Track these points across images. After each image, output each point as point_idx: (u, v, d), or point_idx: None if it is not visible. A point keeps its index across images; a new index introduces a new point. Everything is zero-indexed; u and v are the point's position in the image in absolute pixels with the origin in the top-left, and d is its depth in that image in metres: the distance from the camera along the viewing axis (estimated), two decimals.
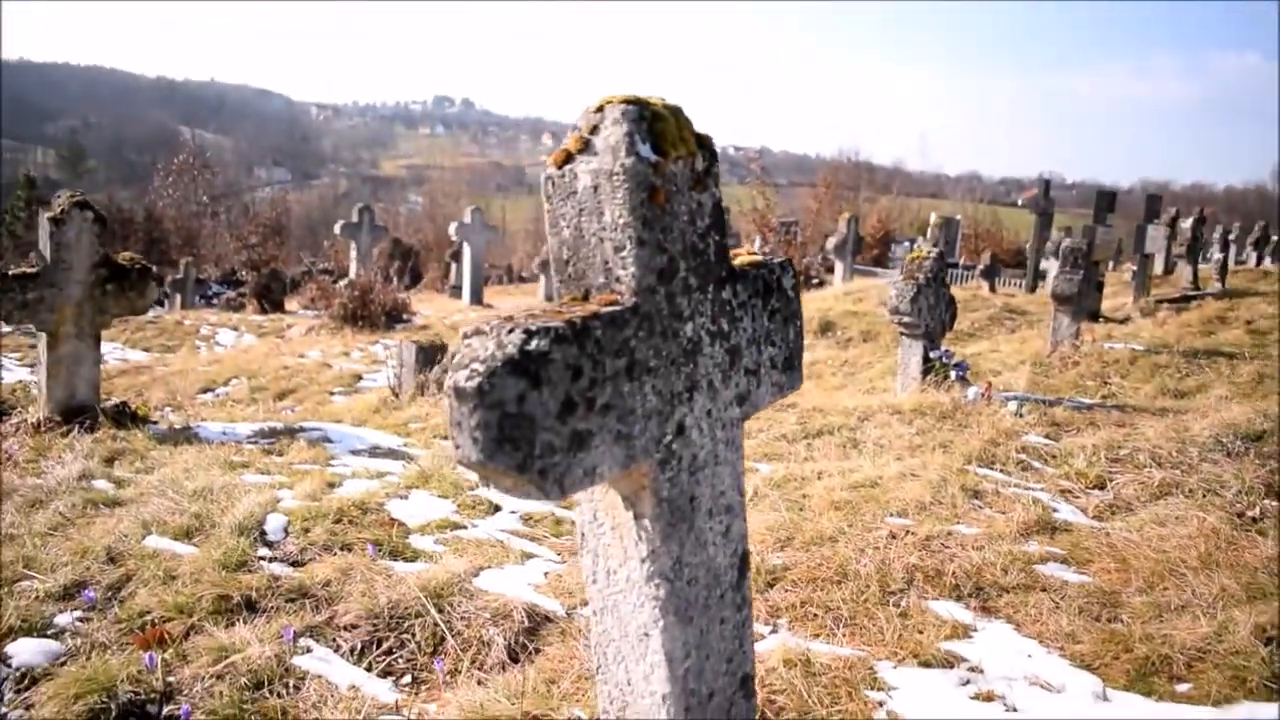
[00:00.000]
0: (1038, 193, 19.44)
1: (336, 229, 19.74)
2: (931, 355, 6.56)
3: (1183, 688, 2.57)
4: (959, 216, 27.29)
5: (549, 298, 22.15)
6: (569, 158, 1.56)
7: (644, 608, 1.66)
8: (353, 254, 19.49)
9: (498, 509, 4.27)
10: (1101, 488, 4.69)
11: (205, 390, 9.94)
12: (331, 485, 4.35)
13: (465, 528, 3.94)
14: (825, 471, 4.74)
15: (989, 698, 2.45)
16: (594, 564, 1.71)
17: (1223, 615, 2.88)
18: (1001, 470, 4.88)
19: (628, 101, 1.54)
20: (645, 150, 1.51)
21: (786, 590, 3.25)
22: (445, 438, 6.34)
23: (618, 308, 1.49)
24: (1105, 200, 12.32)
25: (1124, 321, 10.74)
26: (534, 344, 1.36)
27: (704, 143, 1.65)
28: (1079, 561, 3.59)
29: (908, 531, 3.81)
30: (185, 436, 5.66)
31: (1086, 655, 2.78)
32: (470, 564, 3.33)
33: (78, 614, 3.04)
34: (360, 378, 10.09)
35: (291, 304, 20.42)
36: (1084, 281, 8.46)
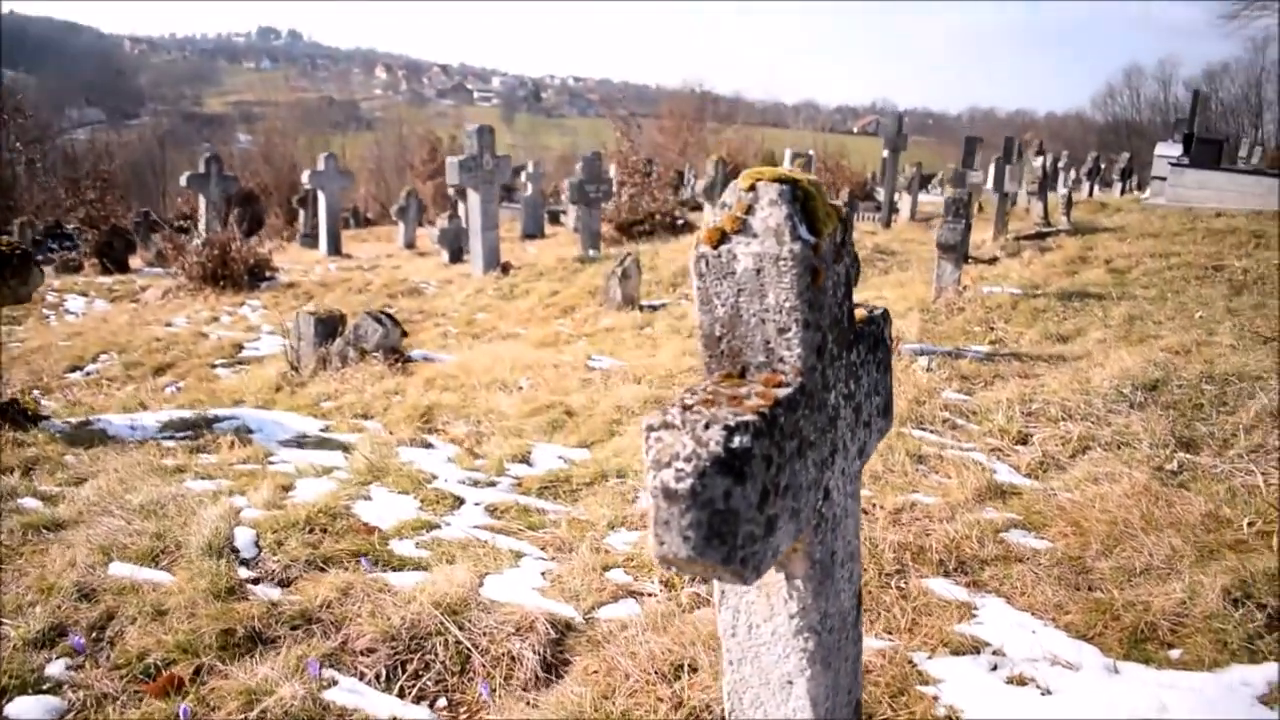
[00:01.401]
0: (889, 127, 20.01)
1: (183, 180, 18.69)
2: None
3: (1174, 654, 2.81)
4: (812, 152, 27.88)
5: (408, 244, 21.64)
6: (724, 237, 1.56)
7: (789, 659, 1.72)
8: (201, 207, 18.48)
9: (460, 501, 4.24)
10: (1024, 443, 5.00)
11: (73, 369, 9.33)
12: (285, 489, 4.21)
13: (439, 526, 3.89)
14: None
15: (1021, 681, 2.62)
16: (734, 619, 1.75)
17: (1190, 578, 3.15)
18: (933, 431, 5.12)
19: (779, 180, 1.55)
20: (804, 232, 1.53)
21: None
22: (364, 416, 6.20)
23: (787, 390, 1.51)
24: (972, 144, 12.83)
25: (991, 262, 11.28)
26: (737, 441, 1.37)
27: (840, 213, 1.67)
28: (1036, 526, 3.83)
29: (875, 504, 3.98)
30: (92, 435, 5.35)
31: (1079, 625, 3.00)
32: (471, 572, 3.30)
33: (67, 662, 2.87)
34: (241, 347, 9.68)
35: (134, 261, 19.29)
36: (965, 230, 8.85)
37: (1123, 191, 24.41)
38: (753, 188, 1.56)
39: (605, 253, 14.43)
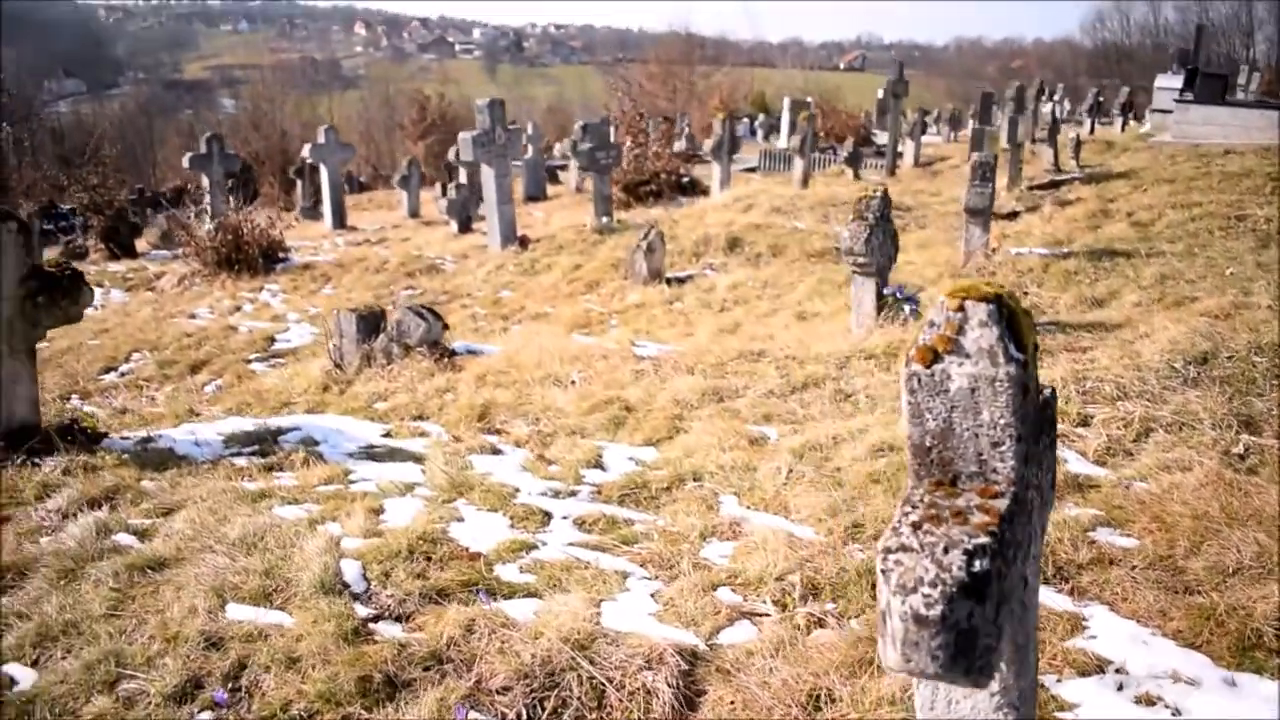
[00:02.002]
0: (891, 74, 19.88)
1: (185, 162, 18.56)
2: (885, 293, 6.82)
3: None
4: (810, 99, 27.68)
5: (412, 213, 21.55)
6: (936, 356, 1.62)
7: None
8: (206, 187, 18.37)
9: (548, 516, 4.32)
10: (1085, 425, 5.08)
11: (107, 370, 9.36)
12: (376, 512, 4.28)
13: (535, 546, 3.97)
14: (838, 436, 4.96)
15: (1149, 701, 2.73)
16: (933, 694, 1.83)
17: None
18: None
19: (985, 300, 1.60)
20: (1014, 351, 1.59)
21: None
22: (419, 417, 6.26)
23: (1004, 501, 1.58)
24: (988, 100, 12.76)
25: (1012, 217, 11.30)
26: (978, 565, 1.45)
27: (1033, 324, 1.73)
28: (1120, 523, 3.93)
29: None
30: (161, 456, 5.40)
31: (1186, 633, 3.10)
32: (585, 600, 3.39)
33: (209, 716, 2.97)
34: (273, 340, 9.71)
35: (140, 244, 19.19)
36: (992, 194, 8.87)
37: (1123, 126, 24.28)
38: (961, 308, 1.62)
39: (619, 219, 14.40)
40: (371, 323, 7.54)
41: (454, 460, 5.02)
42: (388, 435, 5.87)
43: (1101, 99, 26.40)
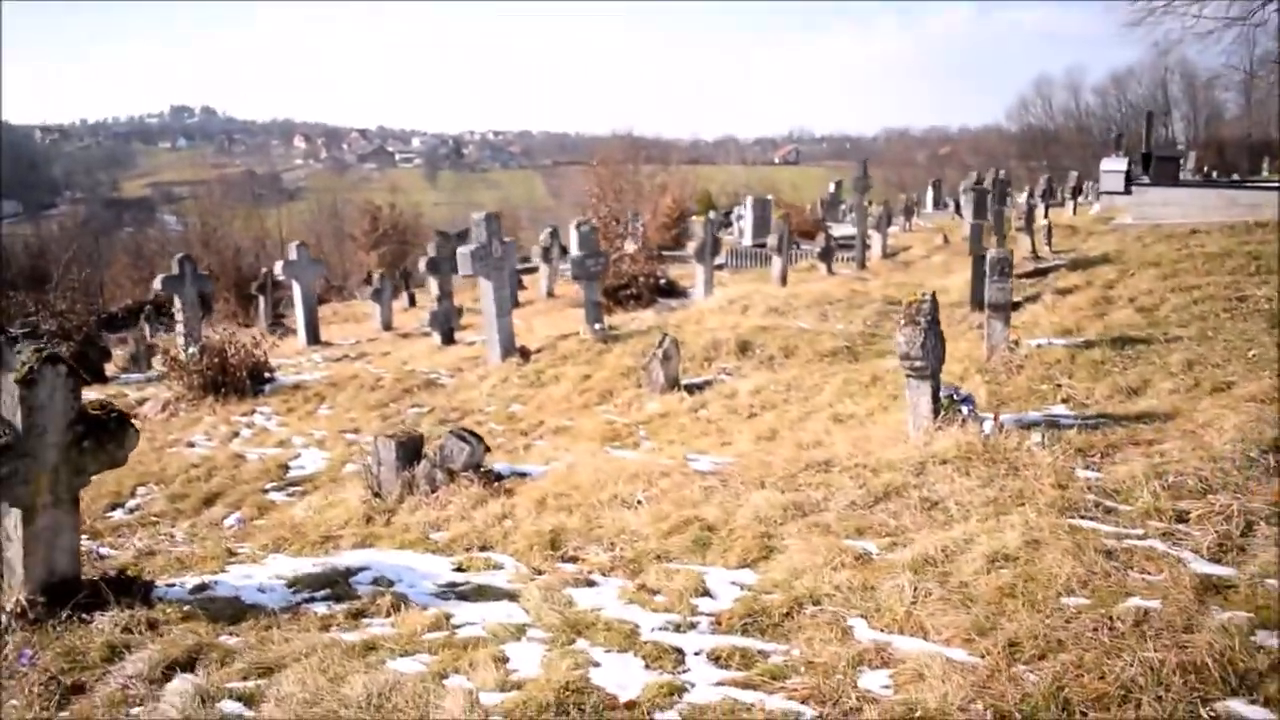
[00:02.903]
0: (857, 174, 20.40)
1: (156, 284, 18.24)
2: (942, 395, 6.81)
3: None
4: (770, 196, 28.23)
5: (386, 326, 21.35)
6: None
7: None
8: (178, 308, 18.07)
9: (680, 653, 4.13)
10: (1184, 521, 5.05)
11: (113, 506, 8.97)
12: (500, 660, 4.06)
13: (684, 689, 3.77)
14: (946, 548, 4.86)
15: None
16: None
17: None
18: (1089, 518, 5.15)
19: None
20: None
21: None
22: (483, 548, 6.04)
23: None
24: (983, 198, 13.11)
25: (1015, 308, 11.46)
26: None
27: None
28: (1274, 624, 3.86)
29: (1109, 616, 3.97)
30: (227, 606, 5.12)
31: None
32: None
33: None
34: (286, 468, 9.41)
35: (109, 367, 18.72)
36: (1011, 289, 9.00)
37: (1074, 210, 25.12)
38: None
39: (610, 325, 14.38)
40: (411, 449, 7.34)
41: (551, 595, 4.82)
42: (460, 569, 5.65)
43: (1055, 184, 27.27)
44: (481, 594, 5.04)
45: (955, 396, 6.77)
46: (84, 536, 8.31)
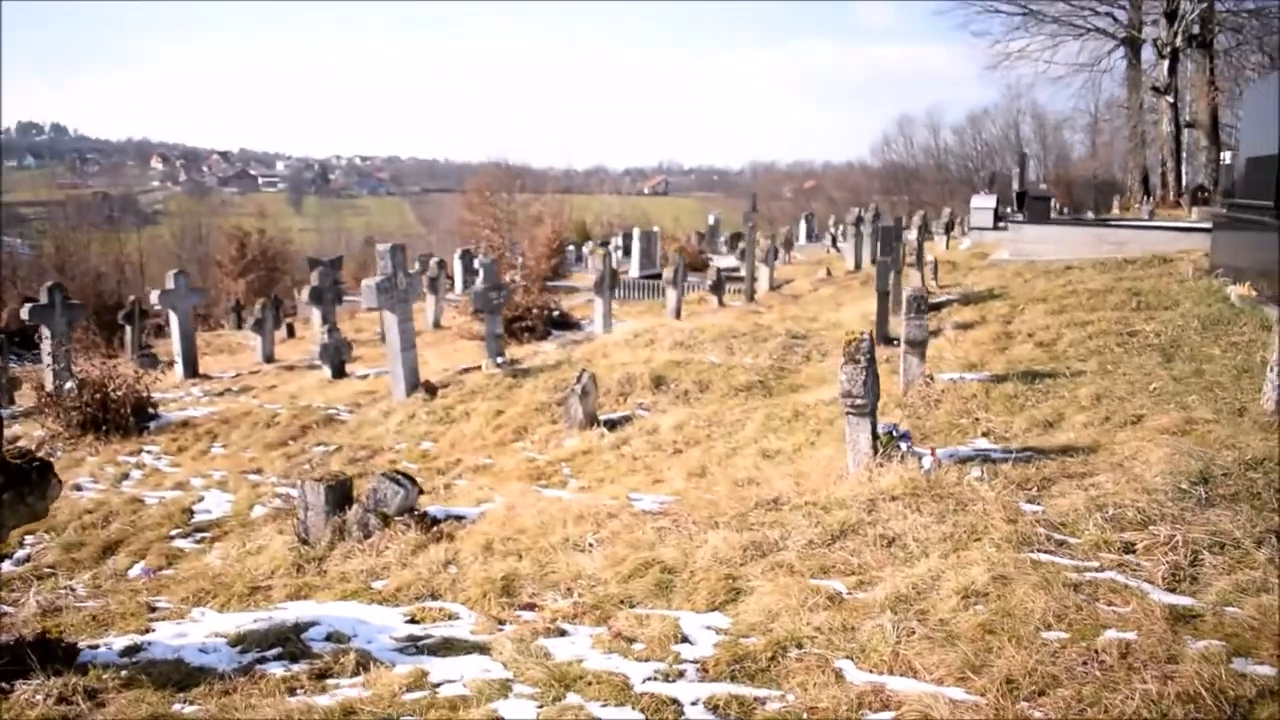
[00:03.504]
0: (746, 208, 20.72)
1: (24, 314, 17.15)
2: (880, 431, 6.93)
3: None
4: (656, 228, 28.43)
5: (268, 358, 20.57)
6: None
7: None
8: (45, 342, 17.01)
9: (677, 704, 4.03)
10: (1131, 552, 5.25)
11: (2, 558, 8.35)
12: None
13: None
14: (917, 585, 4.91)
15: None
16: None
17: None
18: (1044, 552, 5.29)
19: None
20: None
21: None
22: (431, 596, 5.83)
23: None
24: (889, 235, 13.47)
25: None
26: None
27: None
28: (1245, 650, 4.02)
29: (1096, 651, 4.07)
30: (172, 669, 4.77)
31: None
32: None
33: None
34: (191, 512, 8.90)
35: None
36: (926, 326, 9.25)
37: (947, 244, 26.15)
38: None
39: (514, 358, 14.19)
40: (341, 493, 7.05)
41: (525, 647, 4.67)
42: (413, 620, 5.42)
43: (929, 220, 28.23)
44: (449, 647, 4.84)
45: (894, 433, 6.90)
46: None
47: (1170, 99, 42.16)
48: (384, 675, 4.44)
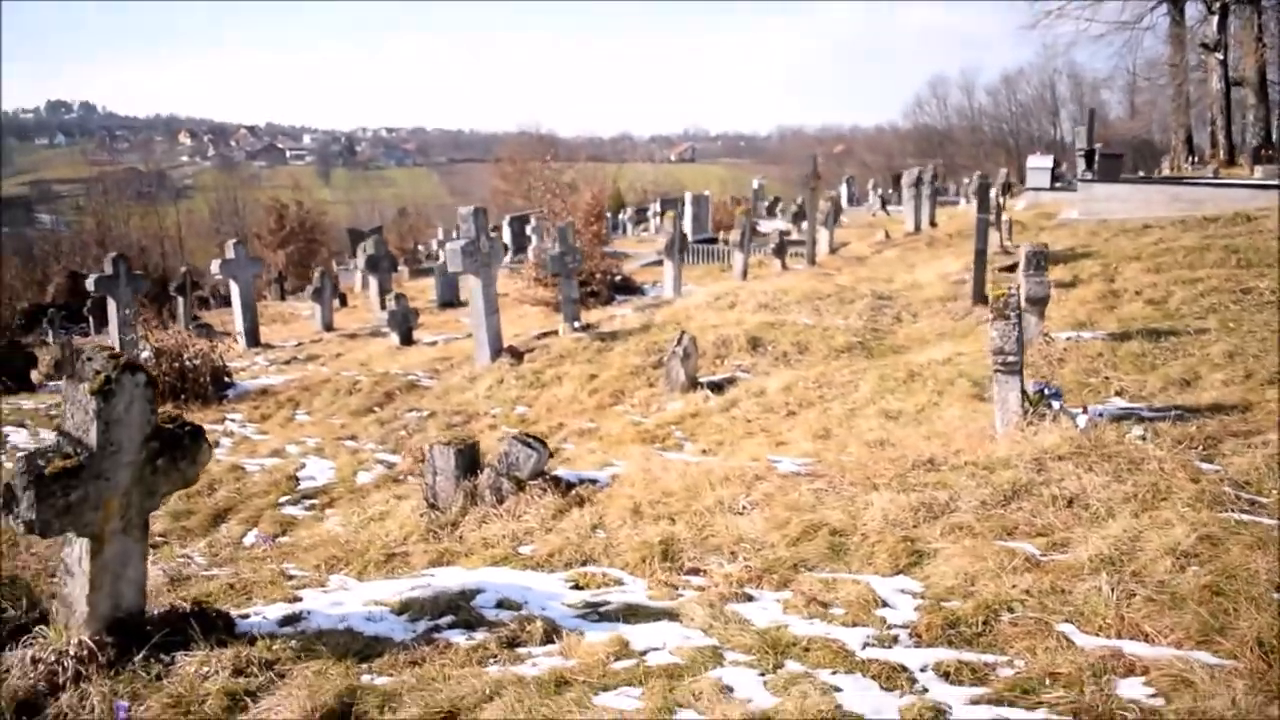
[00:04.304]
0: (809, 172, 20.39)
1: (90, 285, 17.13)
2: (1030, 390, 6.68)
3: None
4: (707, 192, 28.09)
5: (327, 327, 20.48)
6: None
7: None
8: (112, 311, 16.99)
9: (906, 669, 3.84)
10: None
11: None
12: (725, 690, 3.68)
13: (945, 712, 3.49)
14: (1121, 549, 4.67)
15: None
16: None
17: None
18: (1244, 512, 5.05)
19: None
20: None
21: None
22: (584, 561, 5.64)
23: None
24: (984, 190, 13.12)
25: None
26: None
27: None
28: None
29: None
30: (345, 639, 4.60)
31: None
32: None
33: None
34: (296, 479, 8.80)
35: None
36: (1047, 282, 8.96)
37: (1001, 206, 25.66)
38: None
39: (589, 323, 13.99)
40: (470, 457, 6.88)
41: (718, 612, 4.49)
42: (578, 587, 5.24)
43: (1009, 179, 27.76)
44: (633, 614, 4.65)
45: (1046, 391, 6.65)
46: None
47: (1220, 56, 41.14)
48: (580, 643, 4.27)
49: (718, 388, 9.69)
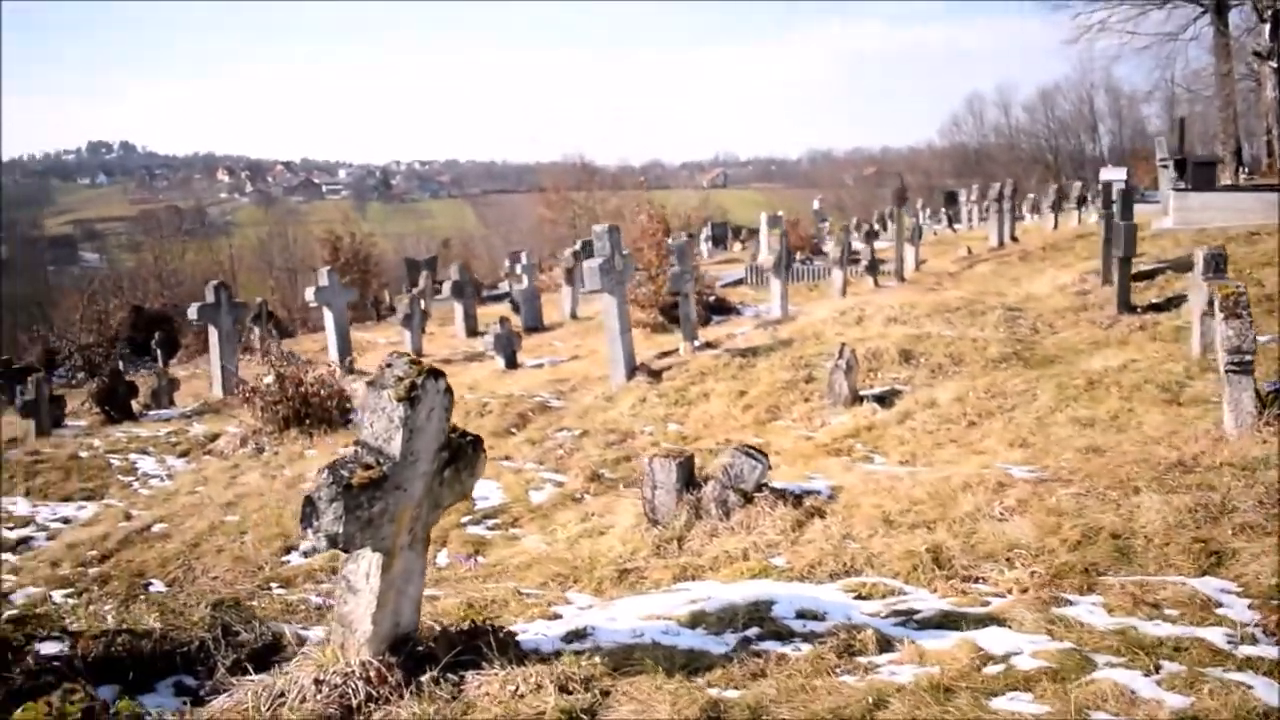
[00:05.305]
0: (894, 186, 20.27)
1: (192, 313, 17.26)
2: (1264, 389, 6.55)
3: None
4: (781, 214, 28.06)
5: (417, 352, 20.52)
6: None
7: None
8: (213, 340, 17.13)
9: None
10: None
11: (286, 550, 8.25)
12: (1130, 692, 3.58)
13: None
14: None
15: None
16: None
17: None
18: None
19: None
20: None
21: None
22: (847, 572, 5.52)
23: None
24: (1128, 196, 12.99)
25: (1174, 306, 11.34)
26: None
27: None
28: None
29: None
30: (660, 656, 4.46)
31: None
32: None
33: None
34: (471, 500, 8.75)
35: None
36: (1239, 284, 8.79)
37: (1055, 224, 25.56)
38: None
39: (708, 341, 13.93)
40: (687, 470, 6.81)
41: (1046, 616, 4.37)
42: (861, 597, 5.13)
43: (1062, 193, 27.61)
44: (954, 621, 4.53)
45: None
46: (277, 585, 7.62)
47: (1274, 64, 40.75)
48: (925, 651, 4.15)
49: (882, 400, 9.58)
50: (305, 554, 8.44)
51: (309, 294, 19.09)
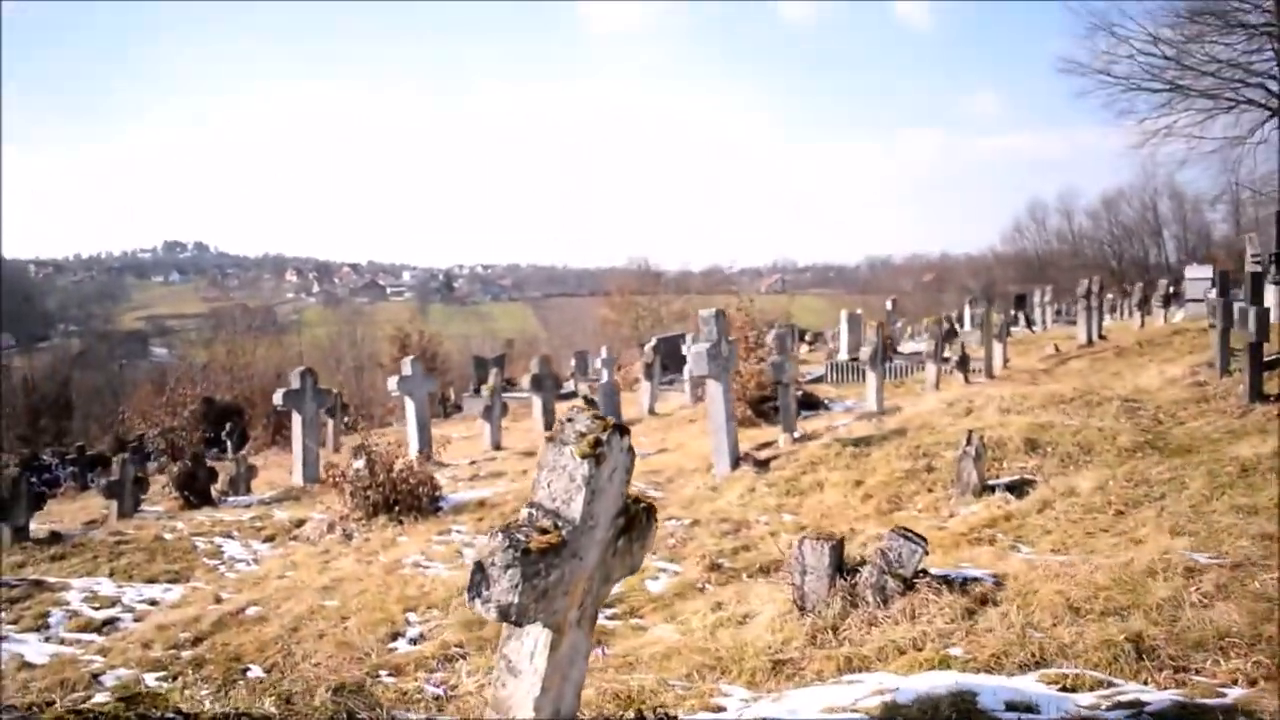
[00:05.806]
0: (982, 283, 19.91)
1: (277, 399, 17.23)
2: None
3: None
4: (859, 311, 27.79)
5: (495, 445, 20.28)
6: None
7: None
8: (297, 425, 17.05)
9: None
10: None
11: (393, 636, 7.84)
12: None
13: None
14: None
15: None
16: None
17: None
18: None
19: None
20: None
21: None
22: (1038, 664, 5.02)
23: None
24: (1259, 280, 12.53)
25: None
26: None
27: None
28: None
29: None
30: None
31: None
32: None
33: None
34: None
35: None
36: None
37: (1142, 323, 25.05)
38: None
39: (807, 432, 13.51)
40: (839, 553, 6.35)
41: None
42: (1065, 690, 4.61)
43: (1146, 293, 27.05)
44: (1190, 714, 4.02)
45: None
46: (386, 673, 7.21)
47: None
48: None
49: (1013, 490, 9.06)
50: (413, 641, 8.09)
51: (392, 383, 18.99)
